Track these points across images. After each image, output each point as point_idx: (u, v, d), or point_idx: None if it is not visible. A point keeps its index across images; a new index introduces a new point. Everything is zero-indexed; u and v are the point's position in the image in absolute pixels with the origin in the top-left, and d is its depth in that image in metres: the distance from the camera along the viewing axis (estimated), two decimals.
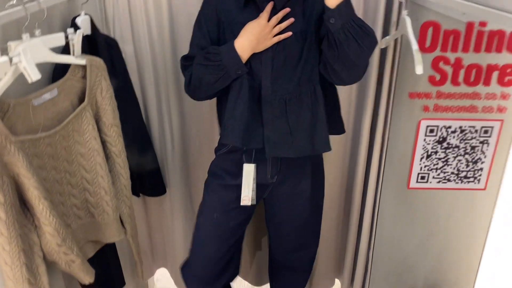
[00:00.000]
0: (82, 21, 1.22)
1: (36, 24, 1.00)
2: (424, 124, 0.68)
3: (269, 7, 1.16)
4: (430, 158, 0.72)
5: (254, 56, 1.19)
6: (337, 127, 1.38)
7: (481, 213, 0.82)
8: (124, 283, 1.40)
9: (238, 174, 1.32)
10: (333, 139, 1.59)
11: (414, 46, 1.16)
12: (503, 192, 0.64)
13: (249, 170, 1.29)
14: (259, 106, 1.21)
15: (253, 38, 1.15)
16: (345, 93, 1.55)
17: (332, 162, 1.66)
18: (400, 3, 1.30)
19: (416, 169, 0.74)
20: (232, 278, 1.51)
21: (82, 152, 1.11)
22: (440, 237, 1.12)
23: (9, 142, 0.90)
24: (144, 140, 1.59)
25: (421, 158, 0.72)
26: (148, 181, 1.63)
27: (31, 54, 0.92)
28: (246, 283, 2.00)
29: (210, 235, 1.40)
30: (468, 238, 0.97)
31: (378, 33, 1.40)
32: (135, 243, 1.32)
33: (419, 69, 1.12)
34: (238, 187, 1.31)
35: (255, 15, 1.18)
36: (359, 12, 1.45)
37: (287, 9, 1.16)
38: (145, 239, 1.88)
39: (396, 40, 1.39)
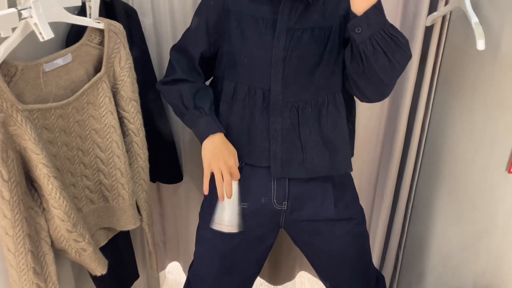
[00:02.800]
0: None
1: None
2: None
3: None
4: None
5: (262, 54, 1.01)
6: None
7: None
8: (138, 276, 1.28)
9: (251, 199, 1.09)
10: (367, 123, 1.47)
11: (474, 19, 1.02)
12: None
13: (234, 189, 1.05)
14: (266, 115, 1.04)
15: (209, 153, 1.03)
16: None
17: (363, 148, 1.52)
18: None
19: None
20: None
21: (97, 128, 0.99)
22: (498, 235, 0.99)
23: (16, 110, 0.78)
24: (162, 120, 1.47)
25: None
26: (165, 165, 1.51)
27: (44, 10, 0.79)
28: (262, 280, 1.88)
29: (221, 268, 1.15)
30: None
31: (424, 9, 1.26)
32: (150, 232, 1.20)
33: (480, 44, 0.99)
34: (252, 215, 1.08)
35: (269, 7, 1.01)
36: None
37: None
38: (158, 230, 1.76)
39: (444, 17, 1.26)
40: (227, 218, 1.04)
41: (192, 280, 1.22)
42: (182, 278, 1.95)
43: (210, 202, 1.10)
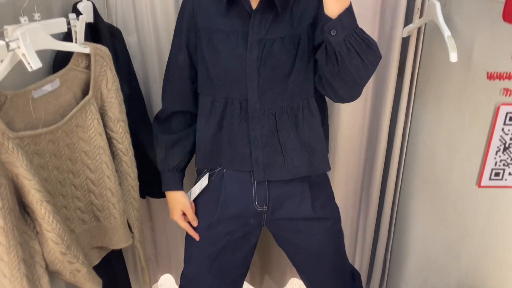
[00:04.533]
0: (84, 7, 1.12)
1: (35, 8, 0.90)
2: (503, 110, 0.59)
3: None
4: (507, 151, 0.63)
5: (236, 66, 1.05)
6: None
7: None
8: None
9: (217, 202, 1.15)
10: (350, 132, 1.51)
11: (447, 32, 1.07)
12: None
13: (202, 183, 1.16)
14: (245, 123, 1.08)
15: (171, 208, 1.19)
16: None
17: (347, 157, 1.57)
18: None
19: (490, 165, 0.64)
20: None
21: (87, 150, 1.01)
22: (478, 238, 1.03)
23: (7, 138, 0.80)
24: (149, 137, 1.48)
25: (497, 151, 0.63)
26: (154, 180, 1.52)
27: (31, 40, 0.81)
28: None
29: (201, 273, 1.21)
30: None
31: (400, 21, 1.31)
32: (142, 249, 1.22)
33: (453, 57, 1.03)
34: (226, 222, 1.15)
35: (238, 20, 1.04)
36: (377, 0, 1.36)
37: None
38: (149, 244, 1.77)
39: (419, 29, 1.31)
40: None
41: (184, 286, 1.25)
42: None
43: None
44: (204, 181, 1.16)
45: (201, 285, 1.21)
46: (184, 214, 1.19)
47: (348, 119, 1.50)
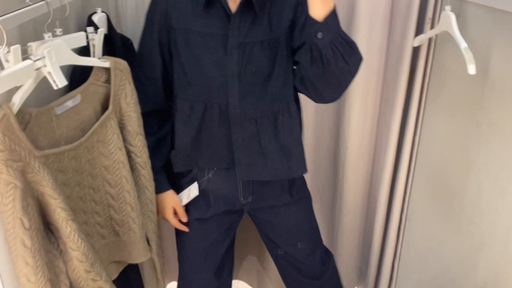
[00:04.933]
0: (99, 18, 1.11)
1: (57, 23, 0.89)
2: None
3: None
4: None
5: (216, 72, 1.05)
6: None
7: None
8: None
9: (208, 203, 1.20)
10: (360, 140, 1.52)
11: (463, 44, 1.08)
12: None
13: (192, 190, 1.20)
14: (225, 126, 1.10)
15: (161, 208, 1.19)
16: (373, 92, 1.47)
17: (356, 164, 1.57)
18: None
19: None
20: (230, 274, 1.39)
21: (107, 165, 1.00)
22: (497, 249, 1.04)
23: (33, 157, 0.79)
24: None
25: None
26: None
27: (56, 57, 0.80)
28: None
29: (194, 267, 1.28)
30: None
31: (411, 31, 1.33)
32: (159, 262, 1.21)
33: (471, 69, 1.05)
34: (216, 217, 1.22)
35: (216, 23, 1.03)
36: (387, 8, 1.37)
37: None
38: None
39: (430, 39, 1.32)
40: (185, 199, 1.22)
41: (182, 284, 1.31)
42: None
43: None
44: (193, 191, 1.20)
45: (197, 280, 1.28)
46: (174, 212, 1.22)
47: (358, 127, 1.51)
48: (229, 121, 1.09)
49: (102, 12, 1.13)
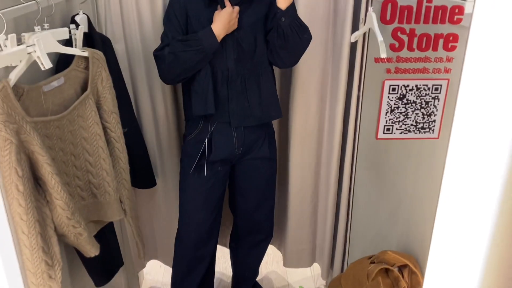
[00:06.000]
0: (81, 19, 1.33)
1: (44, 19, 1.11)
2: (387, 83, 0.83)
3: (227, 1, 1.46)
4: (393, 112, 0.87)
5: (220, 46, 1.45)
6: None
7: (437, 166, 0.97)
8: (122, 263, 1.49)
9: (208, 153, 1.56)
10: (307, 120, 1.75)
11: (379, 37, 1.32)
12: (452, 138, 0.80)
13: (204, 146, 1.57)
14: (225, 85, 1.50)
15: (226, 22, 1.44)
16: (317, 83, 1.71)
17: (305, 144, 1.80)
18: (367, 1, 1.47)
19: (382, 122, 0.88)
20: (216, 239, 1.76)
21: (86, 136, 1.22)
22: (407, 202, 1.27)
23: (25, 122, 1.00)
24: (135, 133, 1.69)
25: (386, 113, 0.87)
26: (139, 173, 1.73)
27: (44, 45, 1.03)
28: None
29: (195, 207, 1.64)
30: (430, 197, 1.12)
31: (347, 29, 1.57)
32: (134, 224, 1.42)
33: (383, 55, 1.28)
34: (212, 163, 1.57)
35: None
36: (330, 12, 1.61)
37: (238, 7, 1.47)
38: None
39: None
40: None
41: (183, 221, 1.68)
42: (160, 277, 2.15)
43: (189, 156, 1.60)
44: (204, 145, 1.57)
45: (197, 218, 1.65)
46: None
47: (306, 115, 1.74)
48: (228, 80, 1.50)
49: (83, 13, 1.36)
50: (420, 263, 1.19)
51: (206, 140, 1.55)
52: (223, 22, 1.43)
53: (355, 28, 1.57)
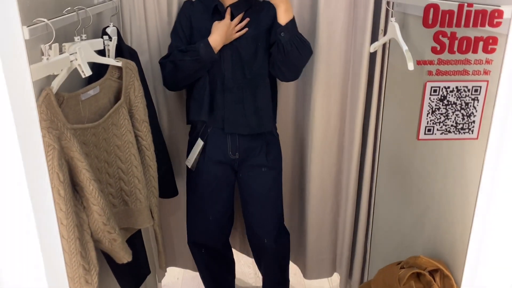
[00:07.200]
0: (112, 31, 1.37)
1: (83, 30, 1.15)
2: (429, 85, 0.86)
3: (228, 11, 1.52)
4: (434, 113, 0.89)
5: (218, 55, 1.51)
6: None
7: (474, 168, 0.99)
8: (149, 271, 1.50)
9: (216, 150, 1.63)
10: (327, 134, 1.78)
11: (404, 47, 1.35)
12: (491, 139, 0.82)
13: (198, 144, 1.62)
14: (222, 93, 1.55)
15: (223, 34, 1.49)
16: (337, 93, 1.74)
17: (325, 154, 1.82)
18: (387, 11, 1.51)
19: (424, 123, 0.91)
20: (229, 231, 1.83)
21: (119, 144, 1.24)
22: (435, 208, 1.28)
23: (66, 128, 1.03)
24: (160, 143, 1.72)
25: (427, 114, 0.89)
26: (163, 182, 1.75)
27: (84, 54, 1.06)
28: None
29: (194, 207, 1.72)
30: (461, 201, 1.14)
31: (367, 39, 1.60)
32: (160, 233, 1.43)
33: (410, 66, 1.29)
34: (208, 165, 1.64)
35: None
36: (349, 23, 1.65)
37: (242, 14, 1.53)
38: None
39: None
40: (191, 159, 1.64)
41: (191, 221, 1.75)
42: (176, 284, 2.16)
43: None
44: (199, 143, 1.62)
45: (195, 219, 1.72)
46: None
47: (325, 124, 1.77)
48: (224, 88, 1.55)
49: (113, 26, 1.40)
50: (450, 268, 1.20)
51: (203, 142, 1.62)
52: (220, 33, 1.48)
53: (374, 38, 1.61)
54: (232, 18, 1.52)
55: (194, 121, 1.63)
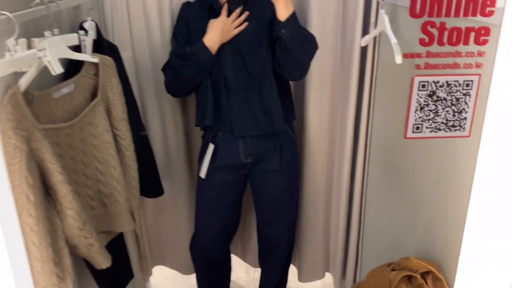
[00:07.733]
0: (89, 26, 1.31)
1: (55, 24, 1.09)
2: (417, 80, 0.80)
3: (225, 7, 1.43)
4: (423, 110, 0.84)
5: (218, 55, 1.44)
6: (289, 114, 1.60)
7: (466, 166, 0.94)
8: (133, 275, 1.45)
9: (228, 156, 1.54)
10: (319, 131, 1.72)
11: (393, 40, 1.30)
12: (484, 137, 0.77)
13: (209, 151, 1.53)
14: (226, 95, 1.47)
15: (219, 32, 1.41)
16: (328, 87, 1.68)
17: (317, 153, 1.77)
18: (378, 3, 1.46)
19: (411, 121, 0.85)
20: (226, 247, 1.76)
21: (96, 144, 1.18)
22: (427, 207, 1.24)
23: (36, 129, 0.97)
24: (143, 141, 1.66)
25: (416, 111, 0.84)
26: (147, 182, 1.69)
27: (54, 50, 1.00)
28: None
29: (203, 212, 1.64)
30: (454, 201, 1.09)
31: (358, 32, 1.55)
32: (142, 236, 1.38)
33: (398, 59, 1.25)
34: (217, 169, 1.55)
35: None
36: (339, 16, 1.60)
37: (240, 8, 1.44)
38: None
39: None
40: (204, 169, 1.55)
41: (197, 226, 1.69)
42: (165, 284, 2.11)
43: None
44: (209, 151, 1.53)
45: (203, 223, 1.65)
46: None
47: (315, 118, 1.71)
48: (227, 89, 1.46)
49: (92, 20, 1.34)
50: (442, 269, 1.15)
51: (214, 146, 1.53)
52: (215, 32, 1.41)
53: (365, 31, 1.56)
54: (229, 14, 1.45)
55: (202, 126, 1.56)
